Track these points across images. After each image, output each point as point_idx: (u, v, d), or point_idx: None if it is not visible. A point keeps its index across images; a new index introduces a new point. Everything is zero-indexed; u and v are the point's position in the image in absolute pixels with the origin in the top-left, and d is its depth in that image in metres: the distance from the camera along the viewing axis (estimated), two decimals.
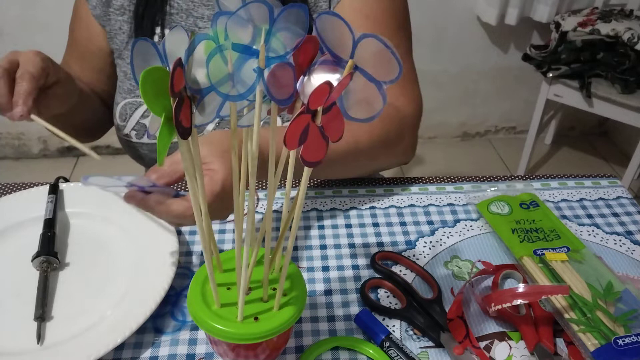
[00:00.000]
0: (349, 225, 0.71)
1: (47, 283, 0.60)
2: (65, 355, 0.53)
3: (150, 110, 0.36)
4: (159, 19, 0.79)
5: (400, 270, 0.65)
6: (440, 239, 0.69)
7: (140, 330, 0.56)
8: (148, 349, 0.56)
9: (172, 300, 0.60)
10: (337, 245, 0.68)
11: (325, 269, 0.65)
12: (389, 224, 0.72)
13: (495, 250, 0.68)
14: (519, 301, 0.56)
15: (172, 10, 0.79)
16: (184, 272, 0.64)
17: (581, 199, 0.77)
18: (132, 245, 0.65)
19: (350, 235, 0.70)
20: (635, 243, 0.69)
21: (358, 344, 0.55)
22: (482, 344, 0.56)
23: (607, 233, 0.71)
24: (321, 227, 0.71)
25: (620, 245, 0.69)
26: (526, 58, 1.87)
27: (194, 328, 0.57)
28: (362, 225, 0.72)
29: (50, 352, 0.54)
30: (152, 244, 0.64)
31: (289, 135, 0.36)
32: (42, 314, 0.57)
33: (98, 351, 0.52)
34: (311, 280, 0.63)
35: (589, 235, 0.71)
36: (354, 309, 0.60)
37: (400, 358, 0.53)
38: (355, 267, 0.65)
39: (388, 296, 0.62)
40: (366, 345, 0.55)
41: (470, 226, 0.72)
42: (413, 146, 0.79)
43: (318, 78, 0.39)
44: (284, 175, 0.45)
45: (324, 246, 0.68)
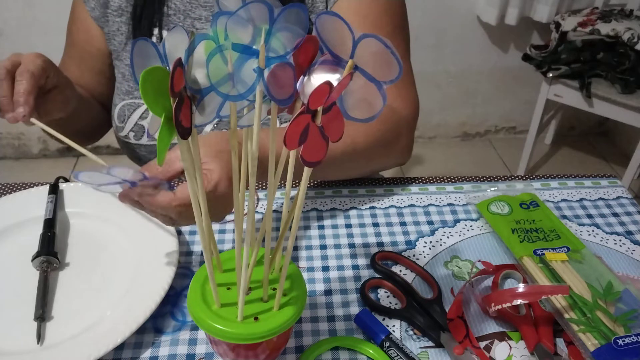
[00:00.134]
0: (349, 225, 0.71)
1: (47, 283, 0.60)
2: (65, 355, 0.53)
3: (150, 110, 0.36)
4: (156, 20, 0.79)
5: (400, 270, 0.65)
6: (440, 239, 0.69)
7: (140, 330, 0.56)
8: (148, 349, 0.56)
9: (172, 300, 0.60)
10: (337, 245, 0.68)
11: (325, 269, 0.65)
12: (389, 224, 0.72)
13: (495, 250, 0.68)
14: (519, 301, 0.55)
15: (170, 12, 0.79)
16: (184, 272, 0.64)
17: (581, 199, 0.77)
18: (132, 245, 0.65)
19: (350, 235, 0.70)
20: (635, 243, 0.69)
21: (358, 344, 0.55)
22: (482, 344, 0.56)
23: (607, 233, 0.71)
24: (321, 227, 0.71)
25: (620, 245, 0.69)
26: (526, 58, 1.87)
27: (194, 328, 0.57)
28: (362, 225, 0.72)
29: (50, 352, 0.54)
30: (152, 244, 0.64)
31: (289, 135, 0.36)
32: (42, 314, 0.57)
33: (98, 351, 0.52)
34: (311, 280, 0.63)
35: (589, 235, 0.71)
36: (354, 309, 0.60)
37: (400, 358, 0.53)
38: (355, 267, 0.65)
39: (388, 296, 0.62)
40: (366, 345, 0.55)
41: (470, 226, 0.72)
42: (409, 147, 0.79)
43: (318, 78, 0.39)
44: (284, 176, 0.45)
45: (324, 246, 0.68)
